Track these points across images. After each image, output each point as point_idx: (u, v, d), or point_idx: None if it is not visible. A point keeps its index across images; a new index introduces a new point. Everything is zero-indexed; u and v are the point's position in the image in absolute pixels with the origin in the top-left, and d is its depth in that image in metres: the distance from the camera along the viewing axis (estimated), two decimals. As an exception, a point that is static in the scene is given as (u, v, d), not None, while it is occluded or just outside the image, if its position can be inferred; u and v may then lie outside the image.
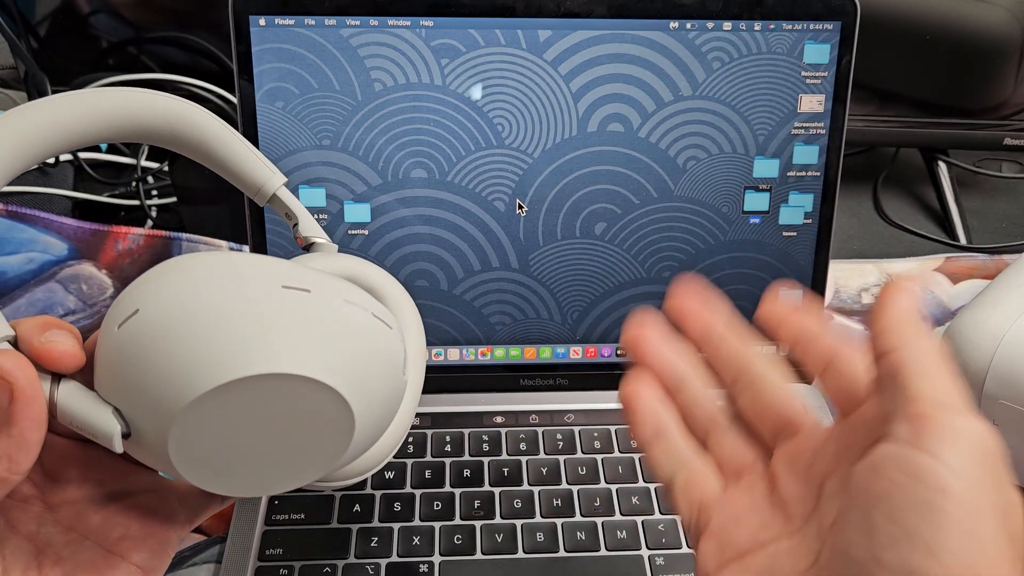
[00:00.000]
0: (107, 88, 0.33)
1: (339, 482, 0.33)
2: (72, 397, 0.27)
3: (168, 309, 0.26)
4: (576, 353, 0.51)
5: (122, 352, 0.26)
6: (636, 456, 0.47)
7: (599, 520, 0.44)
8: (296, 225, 0.35)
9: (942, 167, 0.72)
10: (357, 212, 0.48)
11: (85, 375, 0.28)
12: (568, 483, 0.46)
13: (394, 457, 0.44)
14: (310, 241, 0.35)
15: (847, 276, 0.63)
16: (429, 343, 0.50)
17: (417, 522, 0.43)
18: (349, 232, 0.48)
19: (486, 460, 0.47)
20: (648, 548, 0.43)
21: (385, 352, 0.29)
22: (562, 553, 0.42)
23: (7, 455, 0.26)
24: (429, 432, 0.48)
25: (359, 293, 0.29)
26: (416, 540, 0.42)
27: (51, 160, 0.66)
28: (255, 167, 0.34)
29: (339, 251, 0.35)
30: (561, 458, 0.47)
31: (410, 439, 0.48)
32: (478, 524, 0.43)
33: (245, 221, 0.48)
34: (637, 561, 0.42)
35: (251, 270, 0.27)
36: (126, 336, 0.26)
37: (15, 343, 0.27)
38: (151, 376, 0.26)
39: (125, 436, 0.27)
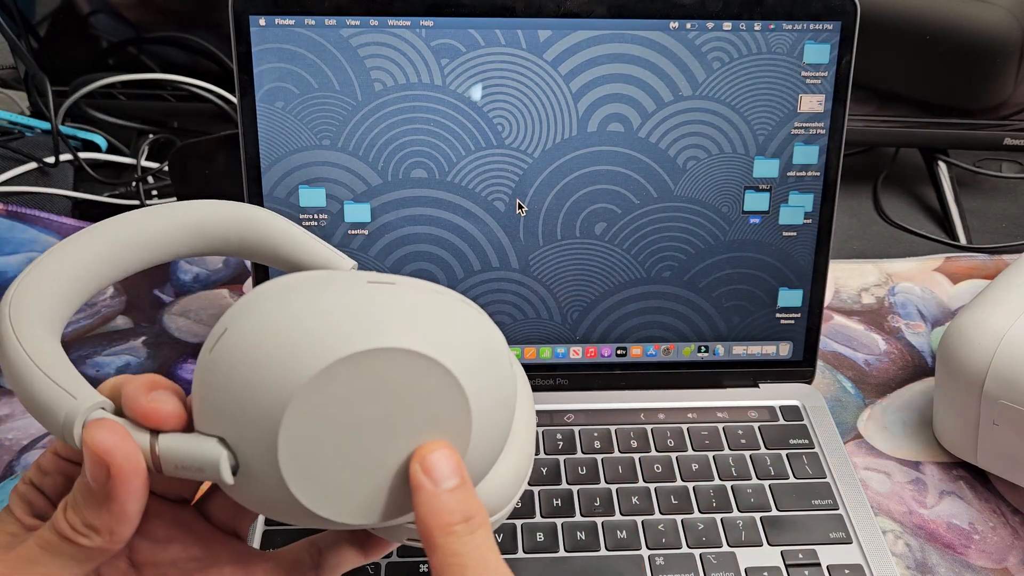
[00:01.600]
0: (179, 204, 0.33)
1: None
2: (173, 444, 0.26)
3: (257, 318, 0.25)
4: (576, 353, 0.51)
5: (216, 374, 0.25)
6: (636, 456, 0.47)
7: (599, 520, 0.44)
8: None
9: (942, 167, 0.72)
10: (357, 212, 0.48)
11: (188, 428, 0.27)
12: (568, 483, 0.46)
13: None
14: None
15: (847, 276, 0.63)
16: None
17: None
18: (349, 232, 0.48)
19: (486, 460, 0.47)
20: (648, 548, 0.43)
21: (486, 337, 0.27)
22: (562, 553, 0.42)
23: (108, 529, 0.26)
24: (429, 432, 0.48)
25: (445, 288, 0.28)
26: (416, 540, 0.42)
27: (51, 160, 0.66)
28: (326, 257, 0.33)
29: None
30: (561, 458, 0.47)
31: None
32: (478, 524, 0.43)
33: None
34: (637, 561, 0.42)
35: (333, 276, 0.27)
36: (218, 356, 0.25)
37: (115, 410, 0.27)
38: (249, 386, 0.24)
39: (233, 471, 0.26)
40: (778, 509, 0.44)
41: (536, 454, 0.47)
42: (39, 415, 0.26)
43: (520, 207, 0.49)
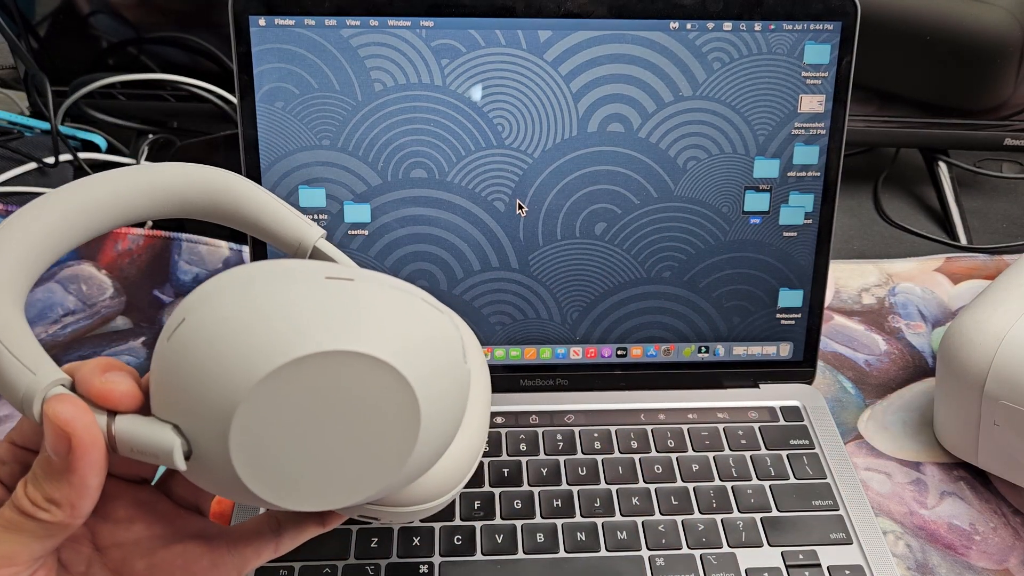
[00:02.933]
0: (144, 166, 0.33)
1: (419, 506, 0.31)
2: (129, 426, 0.26)
3: (215, 310, 0.25)
4: (576, 353, 0.51)
5: (173, 362, 0.26)
6: (636, 457, 0.47)
7: (599, 521, 0.44)
8: None
9: (942, 167, 0.72)
10: (357, 212, 0.48)
11: (144, 410, 0.27)
12: (568, 484, 0.46)
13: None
14: None
15: (847, 276, 0.62)
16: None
17: (416, 523, 0.43)
18: (349, 232, 0.48)
19: (486, 461, 0.47)
20: (648, 549, 0.42)
21: (441, 337, 0.27)
22: (562, 554, 0.42)
23: (69, 502, 0.26)
24: (429, 433, 0.48)
25: (405, 283, 0.28)
26: (416, 541, 0.42)
27: (50, 160, 0.66)
28: (293, 224, 0.33)
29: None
30: (561, 458, 0.47)
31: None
32: (478, 525, 0.43)
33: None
34: (637, 562, 0.42)
35: (293, 270, 0.27)
36: (176, 345, 0.25)
37: (72, 387, 0.27)
38: (204, 378, 0.25)
39: (187, 456, 0.26)
40: (778, 510, 0.44)
41: (536, 454, 0.47)
42: None
43: (520, 207, 0.48)
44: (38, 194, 0.64)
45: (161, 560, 0.31)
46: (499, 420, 0.49)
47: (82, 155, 0.67)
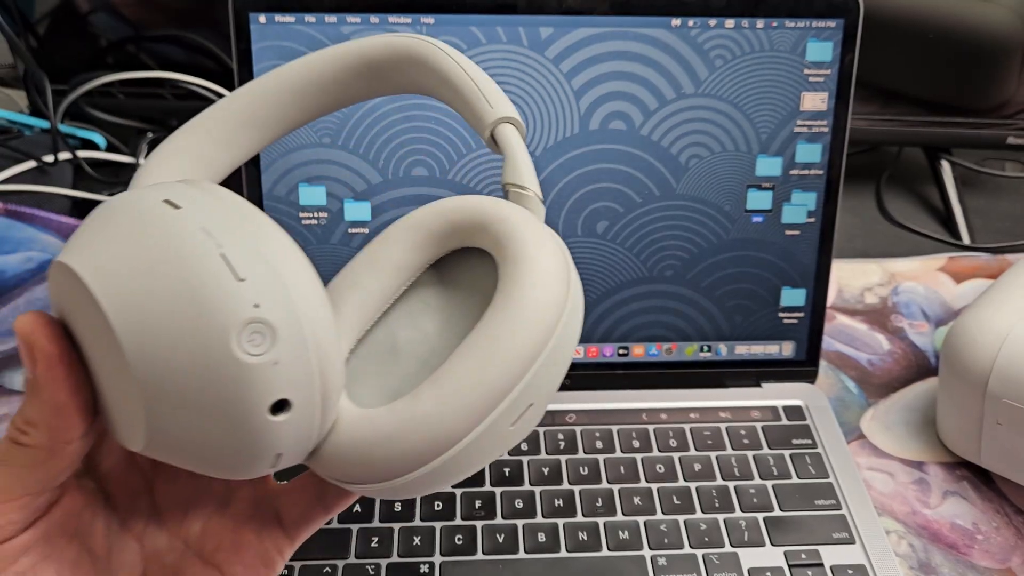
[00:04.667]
0: (349, 44, 0.31)
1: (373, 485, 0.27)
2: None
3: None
4: (577, 353, 0.51)
5: None
6: (638, 456, 0.47)
7: (601, 520, 0.43)
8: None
9: (945, 166, 0.72)
10: (357, 210, 0.48)
11: None
12: (569, 483, 0.45)
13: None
14: (507, 189, 0.29)
15: (850, 276, 0.62)
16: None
17: (417, 522, 0.43)
18: (349, 231, 0.48)
19: (487, 460, 0.46)
20: (650, 548, 0.42)
21: (206, 297, 0.22)
22: (564, 553, 0.42)
23: (44, 422, 0.25)
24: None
25: (247, 233, 0.24)
26: (417, 540, 0.42)
27: (50, 159, 0.66)
28: (475, 106, 0.30)
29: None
30: (562, 458, 0.47)
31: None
32: (479, 524, 0.43)
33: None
34: (639, 562, 0.42)
35: (160, 187, 0.25)
36: None
37: None
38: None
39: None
40: (781, 509, 0.44)
41: (538, 454, 0.47)
42: None
43: (521, 205, 0.48)
44: (37, 193, 0.64)
45: (215, 525, 0.30)
46: (500, 419, 0.49)
47: (81, 154, 0.67)
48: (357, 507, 0.43)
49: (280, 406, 0.23)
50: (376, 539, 0.42)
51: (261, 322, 0.22)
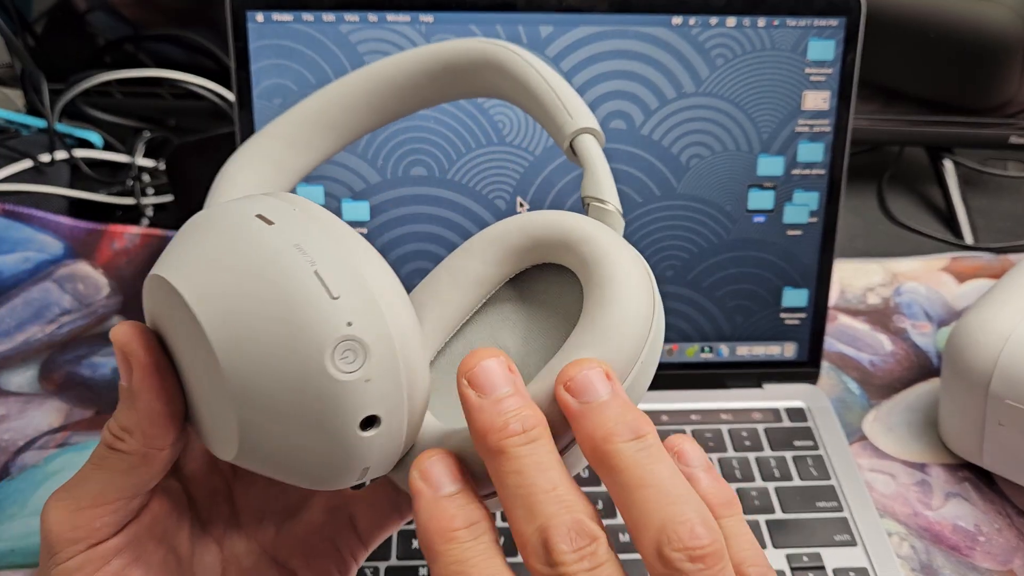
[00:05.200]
0: (426, 48, 0.32)
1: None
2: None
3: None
4: (577, 353, 0.50)
5: None
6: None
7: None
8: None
9: (948, 166, 0.72)
10: (356, 210, 0.48)
11: None
12: (569, 485, 0.45)
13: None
14: (587, 202, 0.29)
15: (852, 276, 0.62)
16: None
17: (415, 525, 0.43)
18: (348, 231, 0.48)
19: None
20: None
21: (301, 315, 0.23)
22: (563, 556, 0.42)
23: (139, 429, 0.26)
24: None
25: (339, 251, 0.24)
26: (415, 543, 0.42)
27: (47, 158, 0.65)
28: (555, 116, 0.30)
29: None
30: (562, 460, 0.46)
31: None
32: (478, 527, 0.43)
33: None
34: (640, 565, 0.41)
35: (251, 200, 0.25)
36: None
37: None
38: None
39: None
40: (783, 512, 0.44)
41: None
42: None
43: (521, 205, 0.48)
44: (34, 193, 0.64)
45: (291, 529, 0.31)
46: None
47: (78, 152, 0.67)
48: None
49: (370, 422, 0.24)
50: (374, 541, 0.42)
51: (354, 340, 0.23)
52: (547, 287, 0.30)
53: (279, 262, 0.23)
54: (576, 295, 0.28)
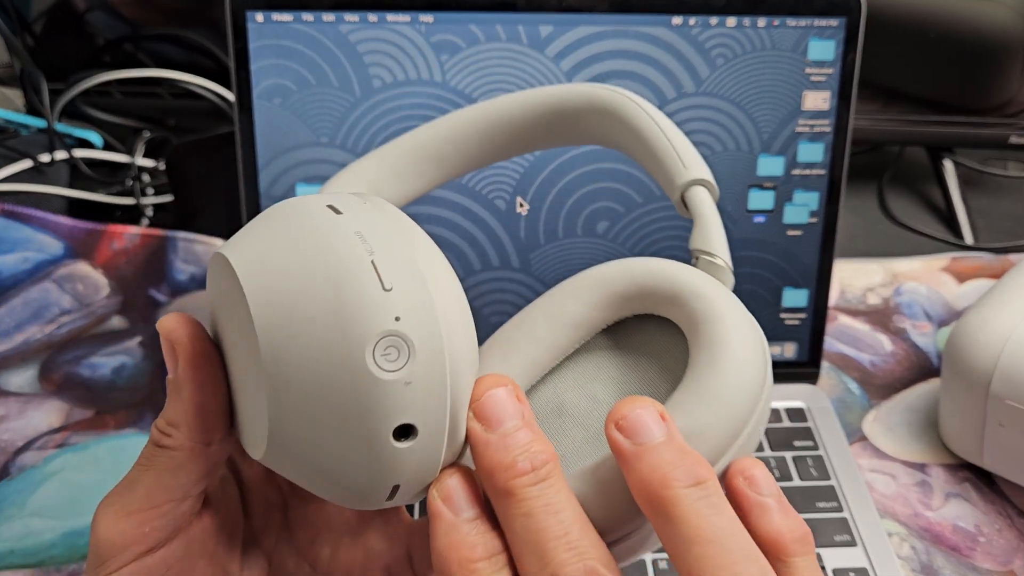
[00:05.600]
0: (538, 91, 0.32)
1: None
2: None
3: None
4: (577, 353, 0.50)
5: None
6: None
7: (601, 523, 0.43)
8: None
9: (948, 166, 0.71)
10: (355, 210, 0.47)
11: None
12: (569, 485, 0.45)
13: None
14: (696, 256, 0.28)
15: (852, 276, 0.62)
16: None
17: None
18: (347, 231, 0.48)
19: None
20: (651, 552, 0.42)
21: (349, 301, 0.21)
22: (563, 557, 0.42)
23: (185, 422, 0.25)
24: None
25: (402, 246, 0.23)
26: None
27: (46, 158, 0.65)
28: (667, 162, 0.29)
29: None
30: (562, 460, 0.46)
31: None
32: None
33: (242, 219, 0.47)
34: (639, 565, 0.41)
35: (328, 195, 0.25)
36: None
37: None
38: None
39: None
40: (782, 512, 0.44)
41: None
42: None
43: (521, 205, 0.48)
44: (33, 193, 0.64)
45: (344, 552, 0.30)
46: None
47: (78, 152, 0.67)
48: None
49: (405, 431, 0.22)
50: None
51: (400, 337, 0.21)
52: (648, 340, 0.28)
53: (335, 245, 0.22)
54: (679, 352, 0.27)
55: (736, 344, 0.24)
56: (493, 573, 0.22)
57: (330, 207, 0.23)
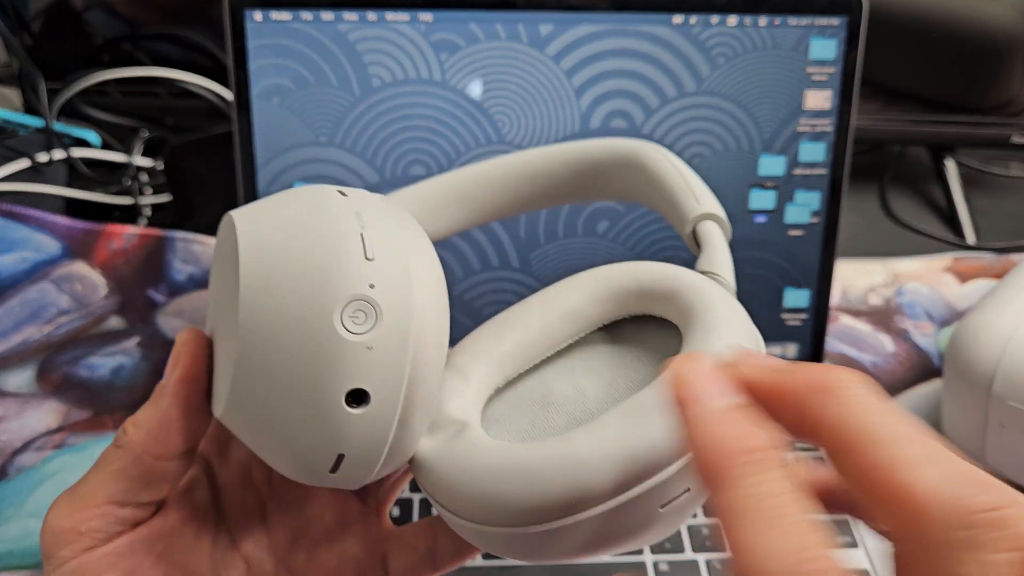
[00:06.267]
0: (568, 145, 0.33)
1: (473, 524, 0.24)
2: None
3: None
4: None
5: None
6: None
7: (601, 525, 0.43)
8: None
9: (950, 165, 0.71)
10: (354, 210, 0.47)
11: None
12: (569, 487, 0.45)
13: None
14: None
15: (854, 276, 0.62)
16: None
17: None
18: (346, 231, 0.48)
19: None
20: (651, 553, 0.42)
21: (330, 263, 0.22)
22: (563, 559, 0.41)
23: (148, 425, 0.26)
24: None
25: (395, 229, 0.24)
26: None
27: (44, 158, 0.65)
28: (682, 200, 0.30)
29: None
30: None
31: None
32: (478, 529, 0.43)
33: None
34: (640, 567, 0.41)
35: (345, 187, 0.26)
36: None
37: None
38: None
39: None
40: (784, 514, 0.44)
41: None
42: None
43: (521, 205, 0.48)
44: (32, 192, 0.64)
45: (322, 558, 0.30)
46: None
47: (76, 152, 0.67)
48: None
49: (358, 397, 0.22)
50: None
51: (369, 302, 0.22)
52: (641, 341, 0.28)
53: (332, 216, 0.23)
54: (673, 350, 0.26)
55: (730, 326, 0.24)
56: (782, 467, 0.17)
57: (340, 191, 0.25)
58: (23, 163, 0.65)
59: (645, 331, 0.28)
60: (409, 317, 0.23)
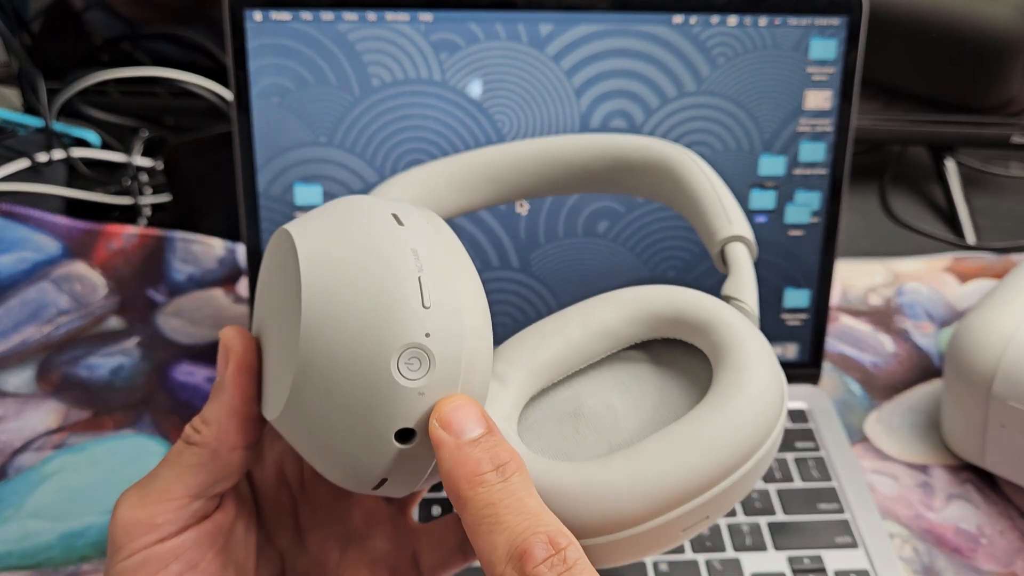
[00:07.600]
0: (598, 136, 0.34)
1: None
2: None
3: None
4: (577, 354, 0.50)
5: None
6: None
7: (601, 525, 0.43)
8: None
9: (950, 165, 0.71)
10: (354, 210, 0.47)
11: None
12: (569, 487, 0.45)
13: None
14: (727, 300, 0.31)
15: (854, 276, 0.62)
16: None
17: (415, 527, 0.42)
18: (346, 231, 0.48)
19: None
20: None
21: (390, 310, 0.24)
22: (563, 559, 0.41)
23: (217, 420, 0.27)
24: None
25: (450, 271, 0.25)
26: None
27: (44, 158, 0.65)
28: (713, 216, 0.32)
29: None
30: (562, 461, 0.46)
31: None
32: (478, 529, 0.43)
33: (240, 218, 0.47)
34: (639, 568, 0.41)
35: (395, 202, 0.27)
36: None
37: None
38: None
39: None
40: (784, 513, 0.44)
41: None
42: None
43: (521, 205, 0.48)
44: (31, 192, 0.64)
45: (353, 555, 0.31)
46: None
47: (75, 152, 0.67)
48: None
49: (406, 435, 0.24)
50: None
51: (424, 351, 0.24)
52: (673, 361, 0.30)
53: (391, 256, 0.24)
54: (701, 377, 0.29)
55: (761, 371, 0.26)
56: (502, 481, 0.23)
57: (395, 216, 0.26)
58: (23, 163, 0.65)
59: (674, 354, 0.30)
60: (459, 367, 0.24)
